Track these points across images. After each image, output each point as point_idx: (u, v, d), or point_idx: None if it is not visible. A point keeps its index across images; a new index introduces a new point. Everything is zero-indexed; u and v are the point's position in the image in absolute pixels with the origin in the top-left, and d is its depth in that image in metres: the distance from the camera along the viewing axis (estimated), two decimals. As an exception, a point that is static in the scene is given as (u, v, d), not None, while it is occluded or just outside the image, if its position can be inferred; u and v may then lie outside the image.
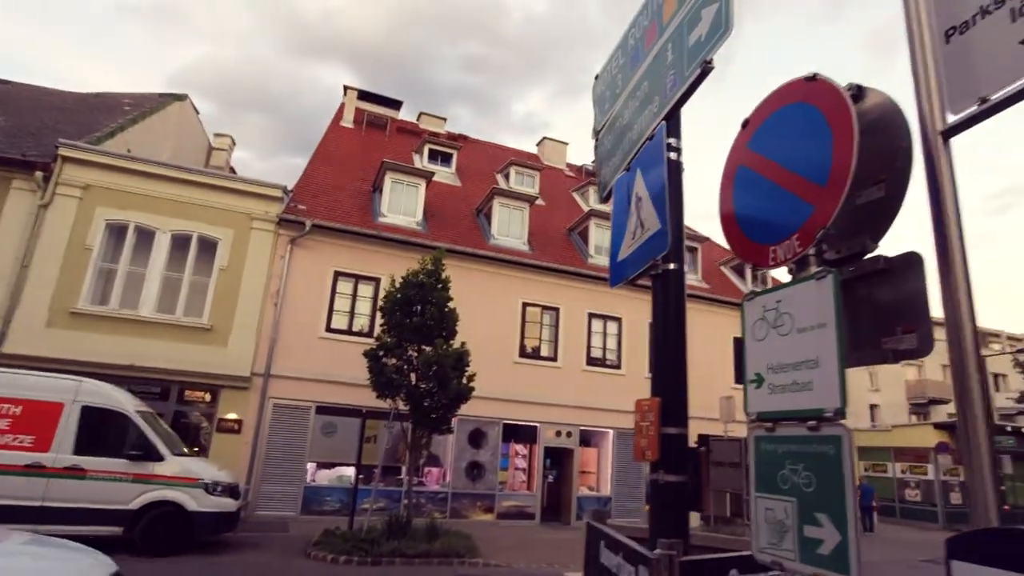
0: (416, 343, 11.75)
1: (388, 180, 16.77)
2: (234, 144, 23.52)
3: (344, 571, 9.17)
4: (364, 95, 24.32)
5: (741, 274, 20.73)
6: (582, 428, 17.07)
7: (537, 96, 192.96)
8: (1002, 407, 32.59)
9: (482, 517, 15.16)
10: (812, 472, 1.78)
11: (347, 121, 22.79)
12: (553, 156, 26.35)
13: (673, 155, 2.89)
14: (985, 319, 59.48)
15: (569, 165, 26.58)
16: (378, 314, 13.01)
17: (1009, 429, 24.27)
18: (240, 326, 13.76)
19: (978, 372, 1.85)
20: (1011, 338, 37.83)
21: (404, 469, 13.24)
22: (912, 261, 1.81)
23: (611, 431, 17.22)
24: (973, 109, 1.92)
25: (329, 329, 14.64)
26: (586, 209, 19.98)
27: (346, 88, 23.75)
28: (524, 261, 16.98)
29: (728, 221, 2.31)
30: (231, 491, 9.90)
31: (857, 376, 30.64)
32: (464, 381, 11.88)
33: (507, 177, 22.23)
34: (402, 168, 17.18)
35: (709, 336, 18.61)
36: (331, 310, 14.79)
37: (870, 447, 25.29)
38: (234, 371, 13.41)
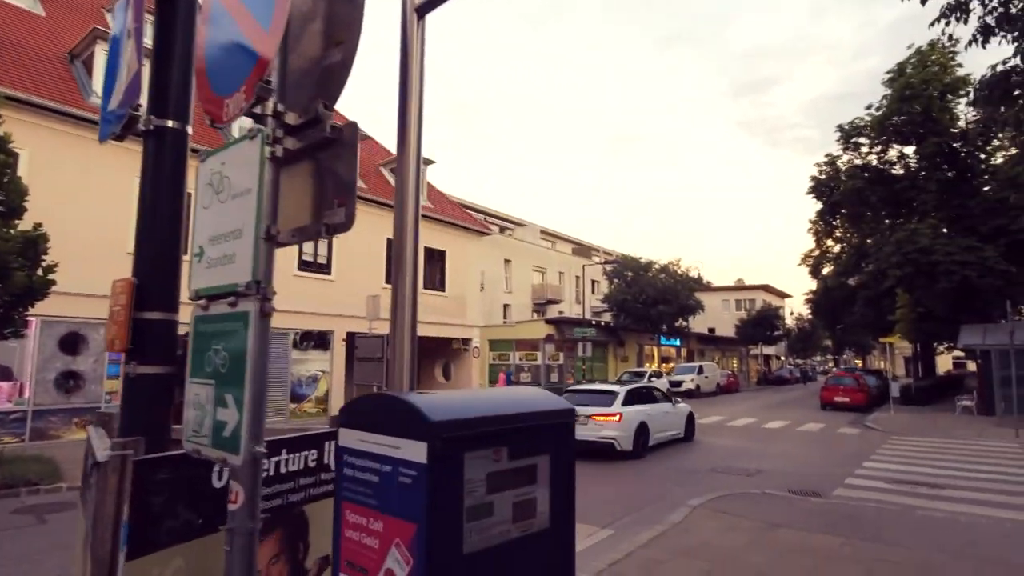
0: (-46, 220, 8.74)
1: (-87, -16, 11.54)
2: None
3: None
4: None
5: (400, 178, 21.19)
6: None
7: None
8: (595, 306, 41.92)
9: (82, 435, 12.85)
10: (228, 352, 1.61)
11: None
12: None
13: (181, -16, 2.33)
14: (591, 237, 73.87)
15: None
16: None
17: (594, 322, 31.48)
18: None
19: (413, 254, 1.91)
20: (605, 252, 48.54)
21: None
22: (351, 131, 1.71)
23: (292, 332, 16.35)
24: (441, -12, 1.88)
25: None
26: (234, 83, 17.41)
27: None
28: (145, 133, 14.02)
29: (199, 66, 1.92)
30: None
31: (497, 281, 35.36)
32: (40, 273, 9.44)
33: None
34: (-58, -28, 11.99)
35: (364, 238, 18.76)
36: None
37: (499, 340, 29.85)
38: None
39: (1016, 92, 6.57)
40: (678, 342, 39.09)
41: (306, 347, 17.99)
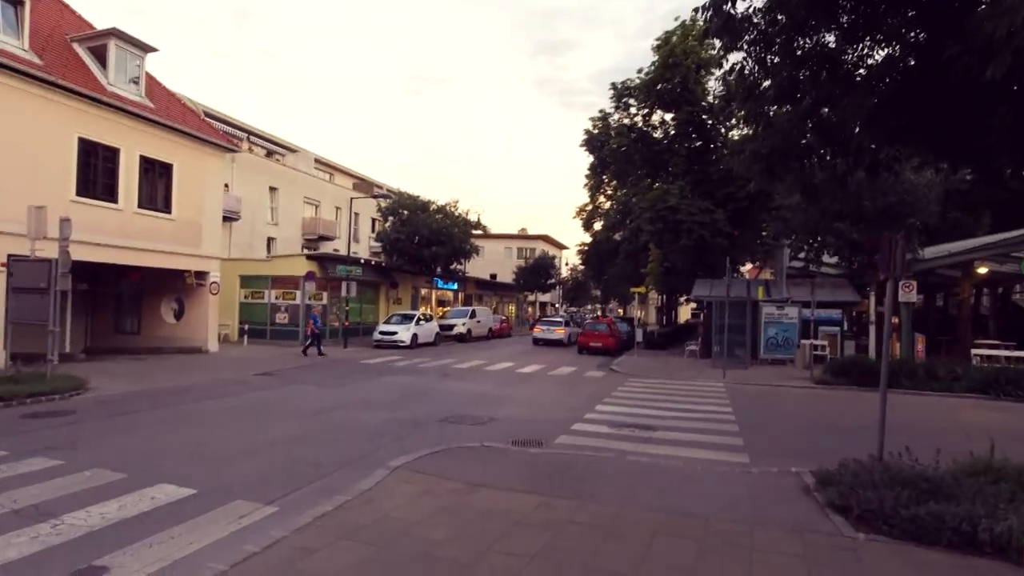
0: None
1: None
2: None
3: None
4: None
5: (103, 62, 16.36)
6: None
7: None
8: (374, 246, 39.58)
9: None
10: None
11: None
12: None
13: None
14: (378, 175, 70.20)
15: None
16: None
17: (362, 261, 29.33)
18: None
19: None
20: (390, 190, 45.99)
21: None
22: None
23: None
24: None
25: None
26: None
27: None
28: None
29: None
30: None
31: (260, 211, 31.07)
32: None
33: None
34: None
35: (37, 130, 14.15)
36: None
37: (253, 276, 26.21)
38: None
39: (742, 32, 5.99)
40: (455, 286, 38.86)
41: (-63, 272, 13.13)
